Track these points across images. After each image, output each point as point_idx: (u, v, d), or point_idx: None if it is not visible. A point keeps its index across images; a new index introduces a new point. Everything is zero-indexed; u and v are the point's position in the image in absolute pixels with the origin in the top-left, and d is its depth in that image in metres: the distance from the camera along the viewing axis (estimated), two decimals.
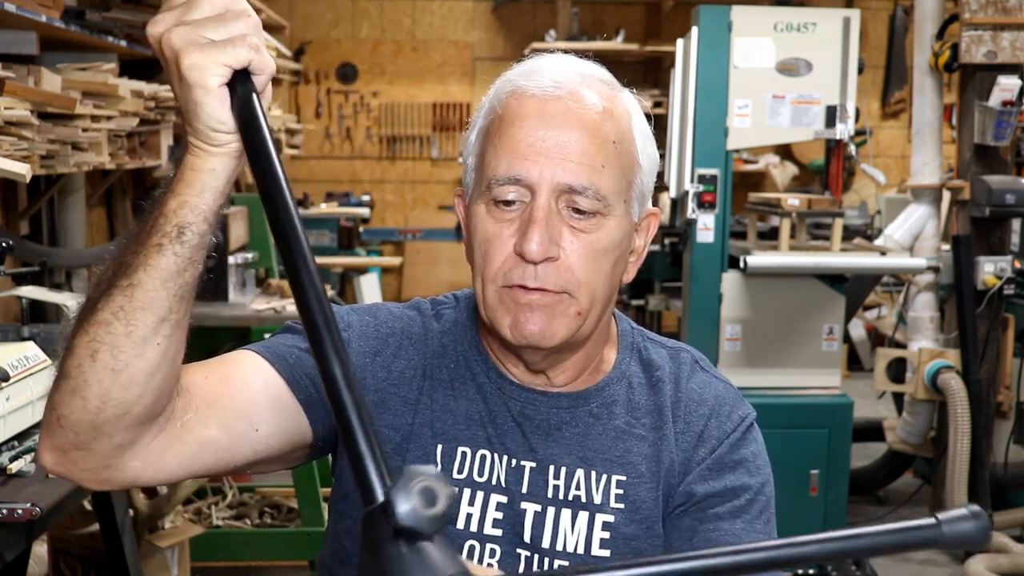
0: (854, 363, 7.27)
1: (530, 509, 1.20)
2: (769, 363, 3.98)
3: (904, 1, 8.03)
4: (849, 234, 4.82)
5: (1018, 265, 4.28)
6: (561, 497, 1.20)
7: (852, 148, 3.94)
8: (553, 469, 1.21)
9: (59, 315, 2.87)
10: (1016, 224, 4.68)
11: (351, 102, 8.60)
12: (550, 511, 1.20)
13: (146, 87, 3.46)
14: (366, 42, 8.57)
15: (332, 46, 8.56)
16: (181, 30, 0.91)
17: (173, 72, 0.93)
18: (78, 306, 1.01)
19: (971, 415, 4.09)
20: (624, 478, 1.21)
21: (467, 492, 1.20)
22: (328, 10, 8.52)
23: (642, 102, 1.25)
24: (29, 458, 2.02)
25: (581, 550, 1.19)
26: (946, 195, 4.64)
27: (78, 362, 0.96)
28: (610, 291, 1.19)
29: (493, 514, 1.21)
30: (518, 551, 1.19)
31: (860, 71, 3.83)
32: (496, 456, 1.21)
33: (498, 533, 1.19)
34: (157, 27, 0.93)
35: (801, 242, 4.15)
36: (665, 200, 4.24)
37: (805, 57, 3.80)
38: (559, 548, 1.19)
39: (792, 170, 8.14)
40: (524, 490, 1.20)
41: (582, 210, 1.14)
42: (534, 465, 1.21)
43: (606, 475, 1.21)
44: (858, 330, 7.27)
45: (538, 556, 1.19)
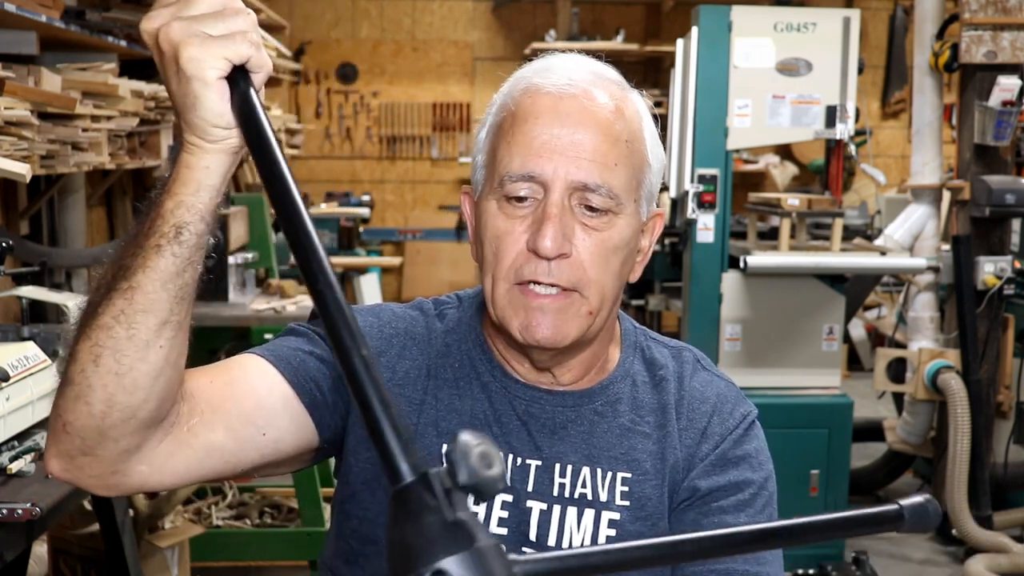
0: (854, 363, 7.27)
1: (536, 507, 1.21)
2: (769, 363, 3.98)
3: (904, 1, 8.03)
4: (849, 234, 4.82)
5: (1018, 265, 4.28)
6: (567, 495, 1.21)
7: (852, 148, 3.94)
8: (559, 467, 1.21)
9: (59, 315, 2.87)
10: (1016, 224, 4.68)
11: (351, 102, 8.60)
12: (556, 509, 1.21)
13: (146, 87, 3.46)
14: (366, 42, 8.57)
15: (332, 46, 8.56)
16: (180, 24, 0.91)
17: (170, 66, 0.92)
18: (79, 310, 1.00)
19: (971, 415, 4.09)
20: (629, 475, 1.22)
21: None
22: (328, 10, 8.52)
23: (649, 104, 1.26)
24: (29, 458, 2.02)
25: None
26: (946, 195, 4.64)
27: (81, 367, 0.96)
28: (617, 290, 1.20)
29: (498, 513, 1.21)
30: (524, 550, 1.19)
31: (860, 71, 3.83)
32: (501, 455, 1.21)
33: (503, 532, 1.19)
34: (153, 22, 0.93)
35: (801, 242, 4.15)
36: (665, 200, 4.24)
37: (805, 57, 3.80)
38: (565, 546, 1.20)
39: (792, 170, 8.14)
40: (529, 488, 1.20)
41: (594, 207, 1.15)
42: (539, 463, 1.21)
43: (611, 472, 1.22)
44: (858, 330, 7.27)
45: None
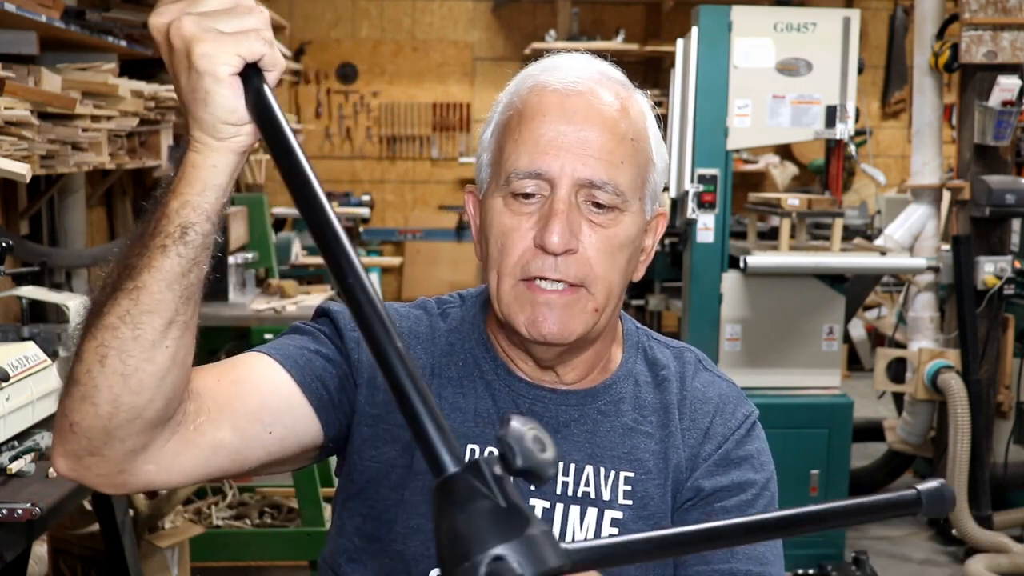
0: (854, 363, 7.27)
1: (539, 506, 1.21)
2: (769, 363, 3.98)
3: (904, 1, 8.03)
4: (849, 234, 4.82)
5: (1018, 265, 4.28)
6: (570, 494, 1.21)
7: (852, 148, 3.94)
8: (562, 466, 1.22)
9: (59, 315, 2.87)
10: (1016, 224, 4.68)
11: (351, 102, 8.60)
12: (559, 508, 1.21)
13: (146, 87, 3.46)
14: (366, 42, 8.57)
15: (332, 46, 8.56)
16: (192, 19, 0.90)
17: (181, 62, 0.92)
18: (84, 310, 0.99)
19: (971, 415, 4.09)
20: (632, 474, 1.22)
21: None
22: (328, 10, 8.52)
23: (653, 104, 1.27)
24: (29, 458, 2.02)
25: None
26: (946, 195, 4.64)
27: (87, 368, 0.95)
28: (622, 287, 1.21)
29: None
30: None
31: (860, 71, 3.83)
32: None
33: None
34: (162, 17, 0.92)
35: (801, 242, 4.15)
36: (665, 200, 4.24)
37: (805, 57, 3.80)
38: (568, 539, 1.20)
39: (792, 170, 8.14)
40: (532, 487, 1.19)
41: (601, 204, 1.16)
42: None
43: (614, 472, 1.22)
44: (858, 330, 7.26)
45: None
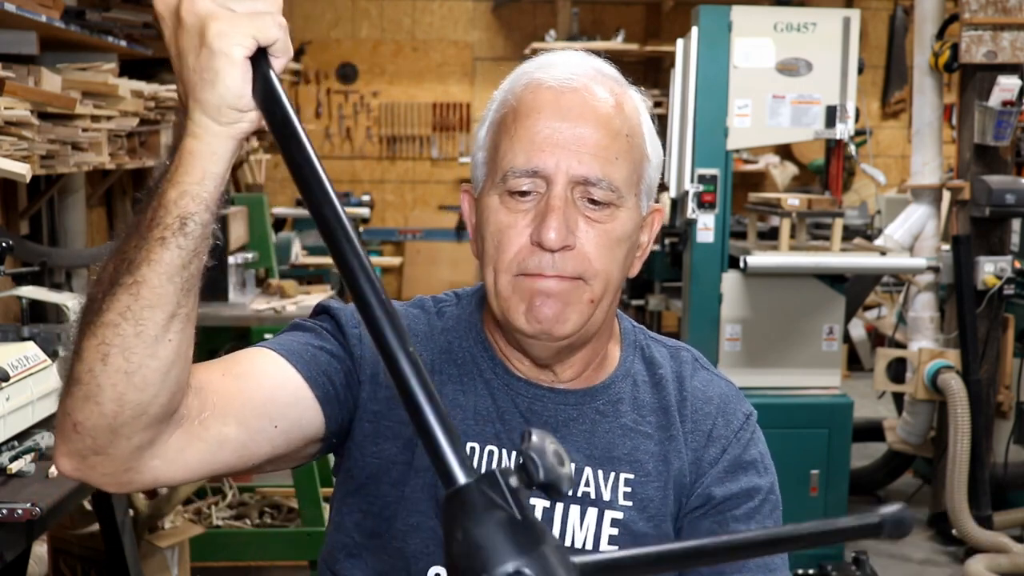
0: (854, 363, 7.27)
1: (538, 505, 1.20)
2: (769, 363, 3.98)
3: (904, 1, 8.03)
4: (849, 234, 4.82)
5: (1018, 265, 4.28)
6: (570, 493, 1.21)
7: (852, 148, 3.94)
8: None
9: (59, 315, 2.87)
10: (1016, 224, 4.68)
11: (351, 102, 8.60)
12: (558, 507, 1.21)
13: (146, 87, 3.46)
14: (366, 42, 8.57)
15: (332, 46, 8.56)
16: None
17: (192, 39, 0.88)
18: (81, 307, 0.97)
19: (971, 415, 4.09)
20: (632, 476, 1.22)
21: None
22: (328, 10, 8.52)
23: (647, 100, 1.27)
24: (29, 458, 2.02)
25: (589, 546, 1.20)
26: (946, 195, 4.64)
27: (88, 367, 0.93)
28: (620, 281, 1.21)
29: None
30: None
31: (860, 71, 3.83)
32: (505, 452, 1.21)
33: None
34: None
35: (801, 242, 4.15)
36: (665, 200, 4.24)
37: (805, 57, 3.80)
38: (567, 544, 1.19)
39: (792, 170, 8.14)
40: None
41: (597, 201, 1.16)
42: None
43: (614, 473, 1.22)
44: (858, 330, 7.27)
45: None
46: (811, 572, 3.94)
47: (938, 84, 4.45)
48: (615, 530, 1.21)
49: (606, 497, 1.21)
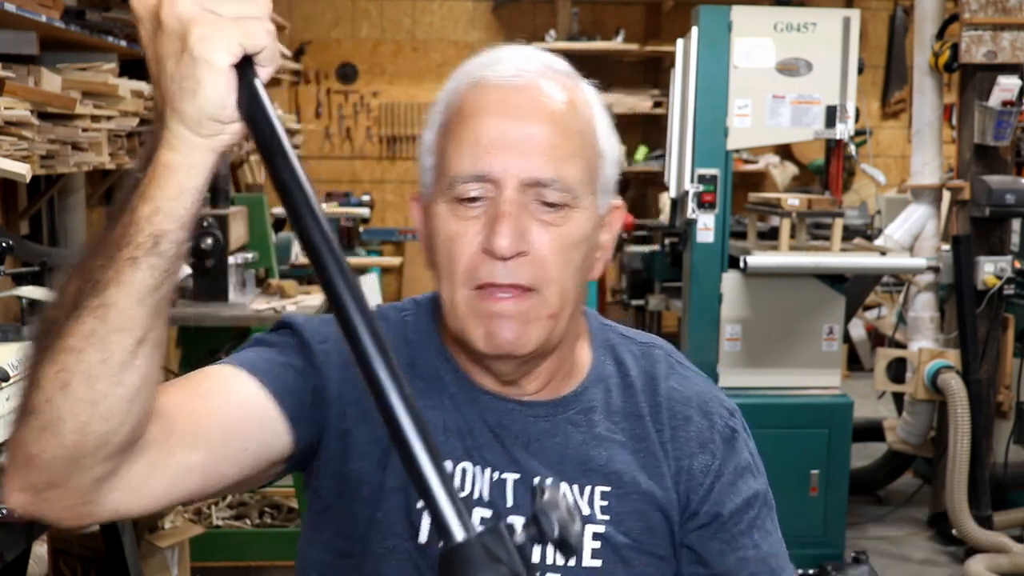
0: (854, 363, 7.27)
1: (517, 523, 1.13)
2: (769, 363, 3.98)
3: (904, 1, 8.03)
4: (849, 234, 4.82)
5: (1018, 265, 4.28)
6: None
7: (852, 148, 3.94)
8: (537, 481, 1.16)
9: None
10: (1016, 224, 4.68)
11: (351, 102, 8.60)
12: None
13: (146, 87, 3.46)
14: (366, 42, 8.57)
15: (332, 46, 8.56)
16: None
17: (172, 44, 0.82)
18: (36, 331, 0.89)
19: (971, 415, 4.09)
20: (608, 489, 1.17)
21: None
22: (328, 10, 8.53)
23: (599, 94, 1.21)
24: None
25: (572, 562, 1.15)
26: (946, 195, 4.64)
27: (47, 396, 0.86)
28: (579, 288, 1.15)
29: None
30: None
31: (860, 71, 3.83)
32: (478, 469, 1.16)
33: None
34: None
35: (801, 242, 4.15)
36: (665, 200, 4.24)
37: (805, 57, 3.80)
38: (549, 561, 1.16)
39: (792, 170, 8.14)
40: (509, 504, 1.15)
41: (550, 203, 1.10)
42: (518, 477, 1.16)
43: (590, 487, 1.17)
44: (858, 330, 7.26)
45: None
46: (811, 572, 3.94)
47: (938, 84, 4.45)
48: (596, 543, 1.16)
49: (585, 511, 1.16)
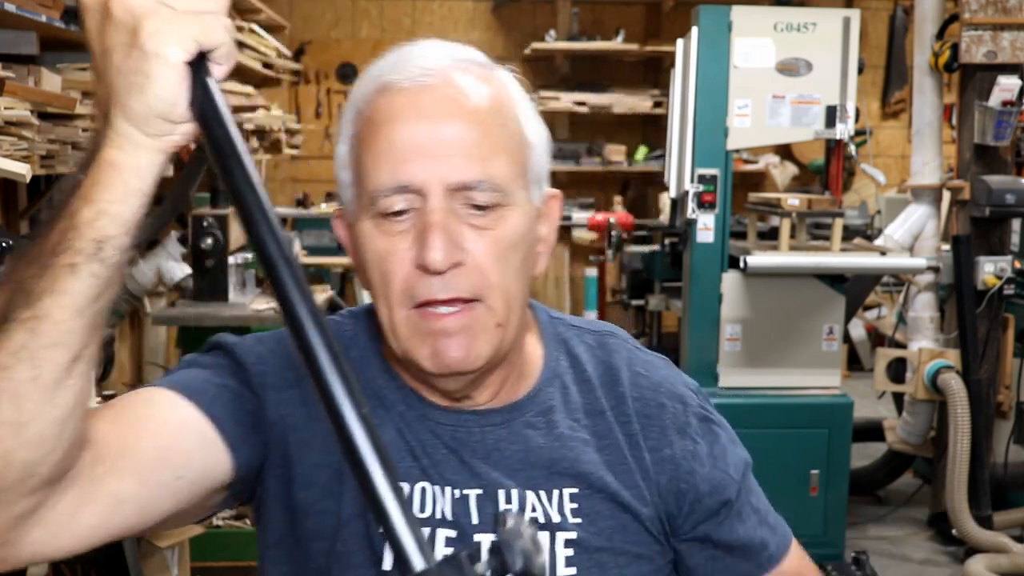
0: (854, 363, 7.27)
1: (485, 541, 1.09)
2: (769, 363, 3.98)
3: (904, 1, 8.02)
4: (849, 234, 4.82)
5: (1018, 265, 4.28)
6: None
7: (852, 148, 3.94)
8: (503, 493, 1.10)
9: None
10: (1016, 224, 4.68)
11: None
12: None
13: None
14: (366, 42, 8.57)
15: (332, 46, 8.56)
16: None
17: (121, 36, 0.77)
18: None
19: (971, 415, 4.09)
20: (576, 490, 1.12)
21: None
22: (328, 10, 8.53)
23: (520, 79, 1.13)
24: None
25: (547, 572, 1.10)
26: (946, 195, 4.64)
27: None
28: (524, 290, 1.09)
29: (443, 551, 1.08)
30: None
31: (860, 71, 3.83)
32: (437, 489, 1.10)
33: None
34: None
35: (801, 242, 4.15)
36: (665, 200, 4.24)
37: (805, 57, 3.80)
38: None
39: (792, 170, 8.14)
40: (474, 521, 1.09)
41: (480, 205, 1.03)
42: (480, 492, 1.10)
43: (557, 491, 1.12)
44: (858, 330, 7.26)
45: None
46: None
47: (938, 84, 4.44)
48: (570, 551, 1.11)
49: (555, 519, 1.11)
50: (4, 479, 0.79)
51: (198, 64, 0.78)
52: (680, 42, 4.00)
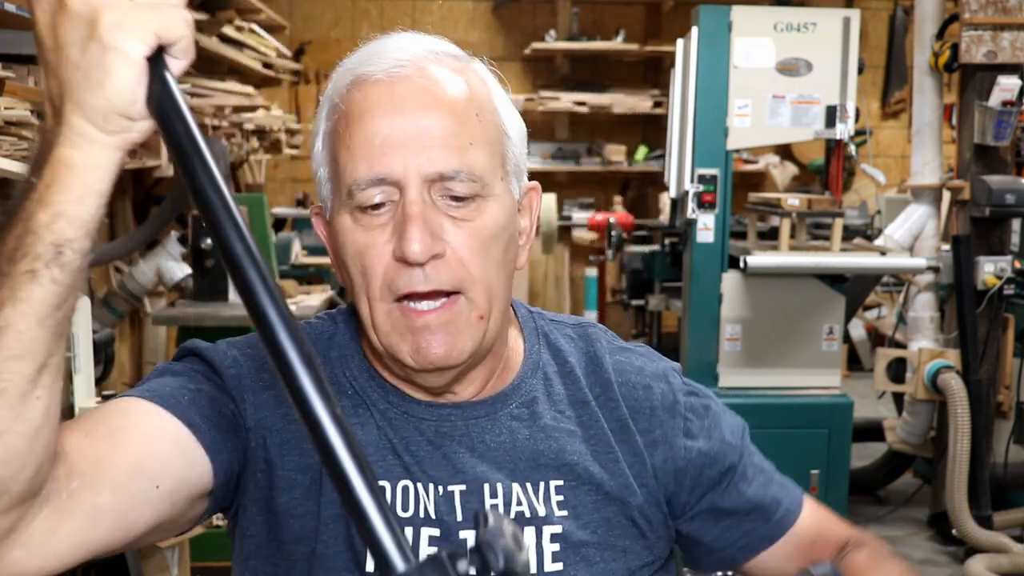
0: (854, 363, 7.27)
1: (470, 538, 1.07)
2: (769, 363, 3.98)
3: (904, 1, 8.03)
4: (849, 234, 4.82)
5: (1018, 265, 4.28)
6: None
7: (852, 148, 3.94)
8: (488, 488, 1.09)
9: None
10: (1016, 224, 4.67)
11: None
12: None
13: None
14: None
15: (332, 46, 8.56)
16: None
17: (78, 30, 0.75)
18: None
19: (971, 415, 4.09)
20: (561, 482, 1.11)
21: None
22: (328, 10, 8.53)
23: (495, 72, 1.13)
24: None
25: (533, 568, 1.09)
26: (946, 195, 4.64)
27: None
28: (506, 283, 1.08)
29: (426, 550, 1.07)
30: None
31: (860, 71, 3.83)
32: (420, 487, 1.08)
33: None
34: None
35: (801, 242, 4.15)
36: (665, 200, 4.24)
37: (805, 57, 3.80)
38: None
39: (792, 170, 8.14)
40: (459, 518, 1.07)
41: (459, 196, 1.02)
42: (464, 488, 1.08)
43: (543, 483, 1.11)
44: (858, 330, 7.26)
45: None
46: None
47: (938, 84, 4.44)
48: (556, 545, 1.09)
49: (541, 512, 1.09)
50: None
51: (157, 58, 0.76)
52: (680, 42, 4.00)
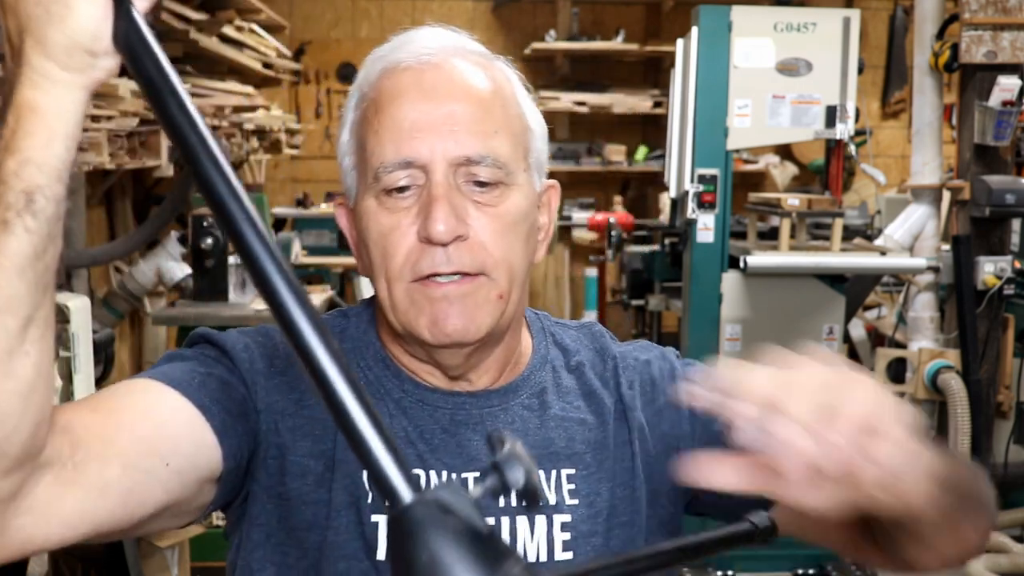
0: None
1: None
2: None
3: (904, 1, 8.03)
4: (849, 234, 4.82)
5: (1018, 265, 4.28)
6: (514, 504, 1.05)
7: (852, 148, 3.94)
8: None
9: (59, 315, 2.87)
10: (1016, 224, 4.67)
11: None
12: (504, 522, 1.09)
13: None
14: (366, 42, 8.57)
15: (332, 46, 8.56)
16: None
17: None
18: None
19: (971, 415, 4.09)
20: (573, 471, 1.12)
21: None
22: (328, 10, 8.53)
23: (518, 74, 1.15)
24: None
25: (544, 557, 1.09)
26: (946, 195, 4.64)
27: None
28: (526, 269, 1.09)
29: None
30: None
31: (860, 71, 3.84)
32: (434, 474, 1.08)
33: None
34: None
35: (801, 242, 4.15)
36: (665, 200, 4.24)
37: (805, 57, 3.80)
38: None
39: (792, 170, 8.14)
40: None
41: (483, 182, 1.04)
42: (478, 475, 1.06)
43: (555, 471, 1.11)
44: (858, 330, 7.25)
45: None
46: (811, 572, 3.94)
47: (938, 84, 4.44)
48: (567, 534, 1.10)
49: (552, 500, 1.10)
50: None
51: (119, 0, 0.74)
52: (680, 42, 4.00)
